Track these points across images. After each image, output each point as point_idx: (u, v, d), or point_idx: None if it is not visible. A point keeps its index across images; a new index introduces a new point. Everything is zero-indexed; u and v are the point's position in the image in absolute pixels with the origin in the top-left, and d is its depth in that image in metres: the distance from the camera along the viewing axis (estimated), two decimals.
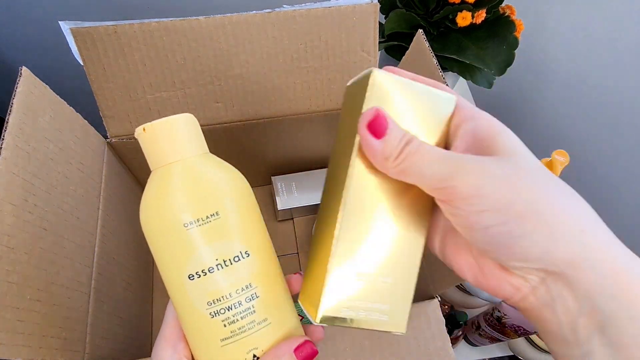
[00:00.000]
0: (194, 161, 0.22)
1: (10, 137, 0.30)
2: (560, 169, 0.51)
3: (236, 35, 0.42)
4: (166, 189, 0.21)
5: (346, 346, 0.34)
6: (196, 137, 0.23)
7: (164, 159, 0.22)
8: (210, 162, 0.23)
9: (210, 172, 0.22)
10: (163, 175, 0.22)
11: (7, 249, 0.27)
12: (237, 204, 0.22)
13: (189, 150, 0.22)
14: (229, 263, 0.21)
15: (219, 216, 0.21)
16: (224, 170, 0.23)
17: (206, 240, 0.21)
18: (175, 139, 0.22)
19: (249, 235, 0.22)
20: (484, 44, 0.59)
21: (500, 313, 0.46)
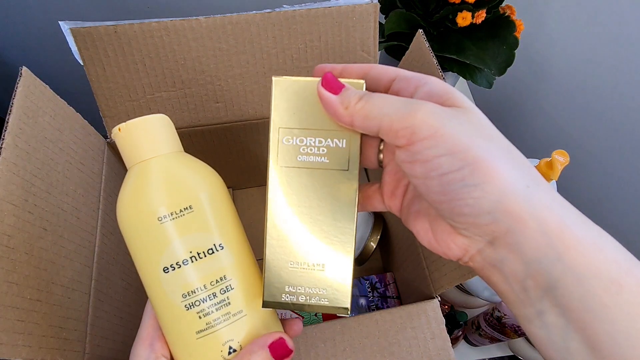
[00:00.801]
0: (167, 158, 0.23)
1: (10, 137, 0.30)
2: (560, 169, 0.51)
3: (236, 35, 0.42)
4: (140, 184, 0.22)
5: (346, 346, 0.34)
6: (170, 136, 0.24)
7: (138, 156, 0.22)
8: (184, 159, 0.24)
9: (183, 168, 0.23)
10: (138, 172, 0.22)
11: (7, 249, 0.27)
12: (211, 199, 0.23)
13: (163, 148, 0.23)
14: (202, 255, 0.22)
15: (193, 210, 0.21)
16: (197, 166, 0.24)
17: (180, 233, 0.21)
18: (149, 137, 0.22)
19: (223, 229, 0.23)
20: (484, 44, 0.59)
21: (500, 313, 0.46)
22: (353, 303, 0.50)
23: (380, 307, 0.50)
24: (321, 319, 0.46)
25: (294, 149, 0.22)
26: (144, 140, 0.22)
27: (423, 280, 0.40)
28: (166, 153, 0.23)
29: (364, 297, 0.50)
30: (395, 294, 0.51)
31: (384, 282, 0.52)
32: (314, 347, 0.33)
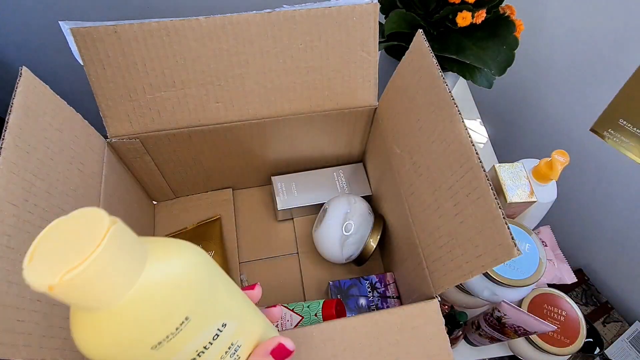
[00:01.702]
0: (141, 285, 0.17)
1: (10, 137, 0.30)
2: (560, 169, 0.51)
3: (236, 35, 0.42)
4: (116, 330, 0.17)
5: (346, 346, 0.34)
6: (132, 253, 0.17)
7: (101, 303, 0.16)
8: (158, 266, 0.17)
9: (165, 283, 0.17)
10: (105, 318, 0.16)
11: (7, 249, 0.27)
12: (203, 292, 0.19)
13: (131, 278, 0.16)
14: (209, 345, 0.20)
15: (190, 319, 0.18)
16: (176, 264, 0.18)
17: (181, 346, 0.19)
18: (106, 279, 0.15)
19: (223, 309, 0.21)
20: (484, 44, 0.59)
21: (500, 313, 0.46)
22: (353, 303, 0.50)
23: (380, 307, 0.50)
24: (321, 319, 0.46)
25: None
26: (100, 286, 0.15)
27: (423, 280, 0.40)
28: (135, 281, 0.16)
29: (364, 297, 0.50)
30: (395, 294, 0.51)
31: (384, 282, 0.52)
32: (314, 347, 0.33)
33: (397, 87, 0.44)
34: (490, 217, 0.31)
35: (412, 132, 0.41)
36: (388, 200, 0.52)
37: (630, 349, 0.75)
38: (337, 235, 0.52)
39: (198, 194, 0.62)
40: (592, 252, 0.84)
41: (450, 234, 0.35)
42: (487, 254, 0.31)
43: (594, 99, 0.71)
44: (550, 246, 0.58)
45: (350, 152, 0.61)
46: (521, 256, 0.46)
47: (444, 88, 0.36)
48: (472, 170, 0.33)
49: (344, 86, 0.47)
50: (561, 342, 0.49)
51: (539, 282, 0.47)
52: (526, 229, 0.48)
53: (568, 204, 0.83)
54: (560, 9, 0.70)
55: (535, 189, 0.51)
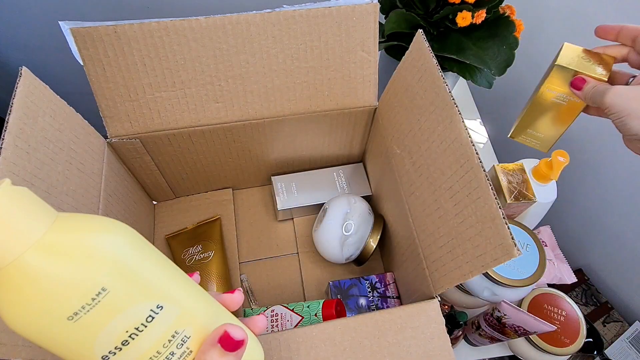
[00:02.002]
0: (45, 241, 0.17)
1: (10, 137, 0.30)
2: (560, 169, 0.51)
3: (236, 35, 0.42)
4: (25, 289, 0.16)
5: (346, 346, 0.34)
6: (33, 210, 0.17)
7: (4, 258, 0.16)
8: (71, 229, 0.18)
9: (74, 245, 0.17)
10: (12, 275, 0.16)
11: None
12: (124, 265, 0.18)
13: (33, 233, 0.16)
14: (142, 327, 0.19)
15: (107, 290, 0.17)
16: (91, 232, 0.18)
17: (105, 320, 0.18)
18: (5, 230, 0.16)
19: (154, 288, 0.19)
20: (484, 44, 0.59)
21: (500, 313, 0.46)
22: (353, 303, 0.50)
23: (380, 307, 0.50)
24: (321, 319, 0.46)
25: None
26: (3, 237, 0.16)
27: (423, 280, 0.40)
28: (41, 236, 0.16)
29: (364, 297, 0.50)
30: (395, 294, 0.51)
31: (384, 282, 0.52)
32: (314, 347, 0.33)
33: (397, 87, 0.44)
34: (490, 217, 0.31)
35: (412, 132, 0.41)
36: (388, 200, 0.52)
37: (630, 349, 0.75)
38: (337, 235, 0.52)
39: (198, 194, 0.62)
40: (592, 252, 0.84)
41: (450, 234, 0.35)
42: (487, 254, 0.31)
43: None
44: (550, 246, 0.58)
45: (350, 152, 0.61)
46: (521, 256, 0.46)
47: (444, 88, 0.36)
48: (472, 170, 0.33)
49: (344, 86, 0.47)
50: (561, 342, 0.49)
51: (539, 282, 0.47)
52: (526, 229, 0.48)
53: (568, 204, 0.83)
54: (560, 9, 0.70)
55: (535, 189, 0.51)
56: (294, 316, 0.47)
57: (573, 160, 0.53)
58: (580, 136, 0.76)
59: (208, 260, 0.54)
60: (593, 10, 0.65)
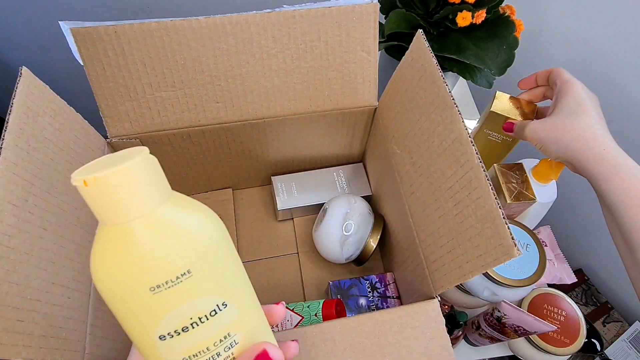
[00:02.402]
0: (156, 214, 0.18)
1: (10, 137, 0.30)
2: (560, 169, 0.51)
3: (236, 35, 0.42)
4: (126, 251, 0.18)
5: (346, 346, 0.34)
6: (156, 183, 0.19)
7: (119, 217, 0.18)
8: (176, 209, 0.19)
9: (177, 225, 0.19)
10: (120, 235, 0.18)
11: (7, 249, 0.27)
12: (212, 255, 0.19)
13: (149, 203, 0.18)
14: (204, 319, 0.19)
15: (191, 274, 0.19)
16: (193, 216, 0.20)
17: (178, 302, 0.19)
18: (129, 193, 0.18)
19: (226, 285, 0.20)
20: (484, 44, 0.59)
21: (500, 313, 0.46)
22: (353, 303, 0.50)
23: (380, 307, 0.50)
24: (321, 319, 0.46)
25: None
26: (120, 198, 0.17)
27: (423, 280, 0.40)
28: (153, 209, 0.18)
29: (364, 297, 0.50)
30: (395, 294, 0.51)
31: (384, 282, 0.52)
32: (314, 347, 0.33)
33: (397, 87, 0.44)
34: (490, 217, 0.31)
35: (412, 132, 0.41)
36: (388, 200, 0.52)
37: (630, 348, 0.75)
38: (337, 235, 0.52)
39: (198, 194, 0.62)
40: (592, 252, 0.84)
41: (450, 234, 0.35)
42: (487, 254, 0.31)
43: None
44: (550, 246, 0.58)
45: (350, 152, 0.61)
46: (521, 256, 0.46)
47: (444, 88, 0.36)
48: (472, 170, 0.33)
49: (344, 86, 0.47)
50: (561, 342, 0.49)
51: (539, 282, 0.47)
52: (526, 229, 0.48)
53: (568, 204, 0.82)
54: (560, 9, 0.70)
55: (535, 189, 0.51)
56: (294, 316, 0.47)
57: None
58: None
59: None
60: (593, 9, 0.65)
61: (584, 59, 0.70)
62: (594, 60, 0.68)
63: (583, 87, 0.44)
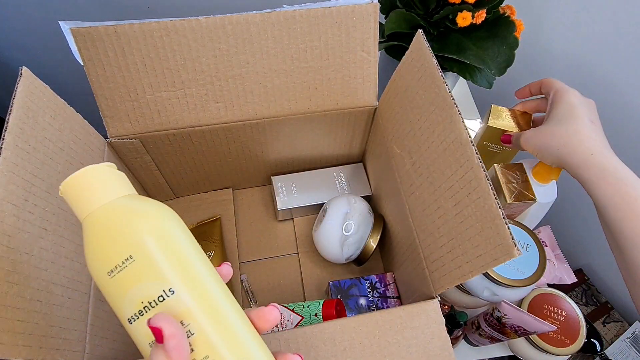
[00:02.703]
0: (107, 207, 0.22)
1: (10, 137, 0.30)
2: (560, 169, 0.51)
3: (236, 35, 0.42)
4: (88, 240, 0.22)
5: (346, 346, 0.34)
6: (110, 183, 0.23)
7: (82, 211, 0.22)
8: (127, 204, 0.23)
9: (124, 214, 0.22)
10: (85, 227, 0.22)
11: (7, 249, 0.27)
12: (155, 242, 0.21)
13: (102, 198, 0.22)
14: (154, 304, 0.21)
15: (134, 259, 0.21)
16: (141, 209, 0.23)
17: (128, 285, 0.21)
18: (87, 190, 0.22)
19: (171, 272, 0.21)
20: (484, 44, 0.59)
21: (500, 313, 0.46)
22: (353, 303, 0.50)
23: (380, 307, 0.50)
24: (321, 319, 0.46)
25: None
26: (82, 194, 0.22)
27: (423, 280, 0.40)
28: (106, 202, 0.22)
29: (364, 297, 0.50)
30: (395, 294, 0.51)
31: (384, 282, 0.52)
32: (314, 347, 0.33)
33: (397, 87, 0.44)
34: (490, 217, 0.31)
35: (412, 132, 0.41)
36: (388, 200, 0.52)
37: (630, 349, 0.75)
38: (337, 235, 0.52)
39: (198, 194, 0.62)
40: (592, 252, 0.84)
41: (450, 234, 0.35)
42: (487, 254, 0.31)
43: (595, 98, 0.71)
44: (550, 246, 0.58)
45: (350, 152, 0.61)
46: (521, 256, 0.46)
47: (444, 88, 0.36)
48: (472, 170, 0.33)
49: (344, 86, 0.47)
50: (561, 342, 0.49)
51: (539, 282, 0.47)
52: (526, 229, 0.48)
53: (568, 204, 0.82)
54: (560, 9, 0.70)
55: (535, 189, 0.51)
56: (294, 316, 0.47)
57: None
58: None
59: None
60: (593, 9, 0.65)
61: (583, 59, 0.70)
62: (594, 60, 0.68)
63: (575, 94, 0.45)
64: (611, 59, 0.66)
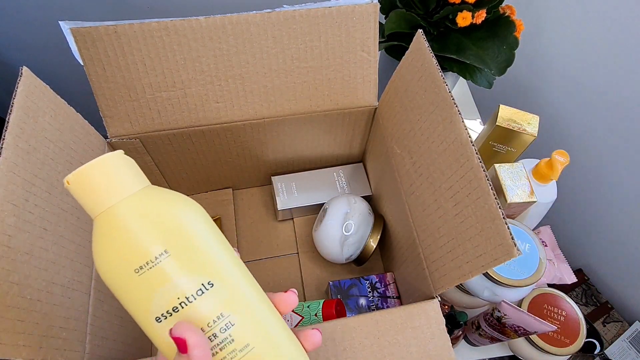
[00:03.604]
0: (131, 201, 0.20)
1: (10, 137, 0.30)
2: (560, 169, 0.51)
3: (236, 35, 0.42)
4: (108, 237, 0.20)
5: (346, 346, 0.34)
6: (130, 174, 0.21)
7: (99, 205, 0.20)
8: (151, 196, 0.21)
9: (152, 208, 0.21)
10: (103, 223, 0.20)
11: (7, 249, 0.27)
12: (188, 236, 0.21)
13: (124, 191, 0.20)
14: (192, 299, 0.20)
15: (169, 254, 0.20)
16: (168, 202, 0.21)
17: (161, 282, 0.20)
18: (103, 182, 0.20)
19: (209, 265, 0.21)
20: (484, 44, 0.59)
21: (500, 313, 0.46)
22: (353, 303, 0.50)
23: (380, 307, 0.50)
24: (321, 319, 0.46)
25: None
26: (98, 187, 0.20)
27: (423, 280, 0.40)
28: (129, 195, 0.20)
29: (364, 297, 0.50)
30: (395, 294, 0.51)
31: (384, 282, 0.52)
32: None
33: (397, 87, 0.44)
34: (490, 217, 0.31)
35: (412, 132, 0.41)
36: (388, 200, 0.52)
37: (630, 348, 0.75)
38: (337, 235, 0.52)
39: (198, 194, 0.62)
40: (592, 252, 0.84)
41: (450, 234, 0.35)
42: (487, 254, 0.31)
43: (594, 98, 0.71)
44: (550, 246, 0.58)
45: (350, 152, 0.61)
46: (521, 256, 0.46)
47: (444, 88, 0.36)
48: (472, 170, 0.33)
49: (344, 86, 0.47)
50: (561, 342, 0.49)
51: (539, 282, 0.47)
52: (526, 229, 0.48)
53: (568, 204, 0.82)
54: (560, 9, 0.70)
55: (535, 189, 0.51)
56: (294, 316, 0.47)
57: (573, 160, 0.53)
58: (580, 136, 0.76)
59: None
60: (593, 9, 0.65)
61: (583, 59, 0.70)
62: (594, 60, 0.68)
63: None
64: (611, 59, 0.66)
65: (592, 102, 0.72)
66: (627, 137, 0.68)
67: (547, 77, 0.78)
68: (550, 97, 0.79)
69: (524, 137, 0.55)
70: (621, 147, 0.70)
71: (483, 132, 0.60)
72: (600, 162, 0.75)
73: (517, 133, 0.55)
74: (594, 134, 0.74)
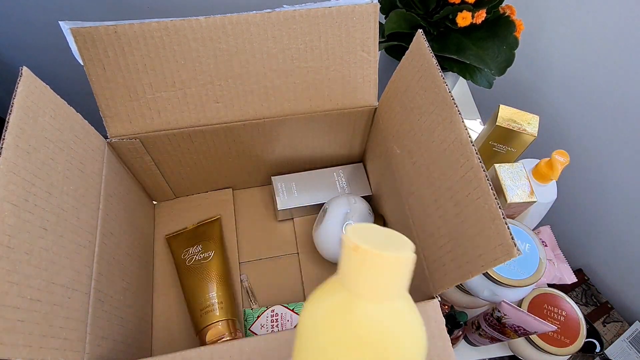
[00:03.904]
0: (394, 307, 0.20)
1: (10, 137, 0.30)
2: (560, 169, 0.51)
3: (236, 35, 0.42)
4: (357, 326, 0.19)
5: None
6: (404, 280, 0.21)
7: (364, 293, 0.20)
8: (408, 309, 0.21)
9: (408, 324, 0.21)
10: (355, 308, 0.19)
11: (7, 249, 0.27)
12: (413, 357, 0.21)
13: (392, 294, 0.21)
14: None
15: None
16: (418, 322, 0.22)
17: None
18: (385, 278, 0.20)
19: None
20: (484, 44, 0.59)
21: (500, 313, 0.46)
22: None
23: None
24: None
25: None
26: (375, 280, 0.20)
27: (423, 280, 0.40)
28: (393, 300, 0.21)
29: None
30: None
31: None
32: None
33: (397, 87, 0.44)
34: (490, 217, 0.31)
35: (412, 132, 0.41)
36: (388, 200, 0.52)
37: (630, 348, 0.75)
38: (337, 235, 0.52)
39: (198, 194, 0.62)
40: (592, 252, 0.84)
41: (450, 234, 0.35)
42: (487, 254, 0.31)
43: (594, 98, 0.71)
44: (550, 246, 0.58)
45: (350, 152, 0.61)
46: (521, 256, 0.46)
47: (444, 88, 0.36)
48: (472, 170, 0.33)
49: (344, 86, 0.47)
50: (561, 342, 0.49)
51: (539, 282, 0.47)
52: (526, 229, 0.48)
53: (568, 204, 0.83)
54: (560, 9, 0.70)
55: (535, 189, 0.51)
56: (294, 316, 0.47)
57: (573, 160, 0.53)
58: (580, 136, 0.76)
59: (208, 260, 0.54)
60: (593, 9, 0.65)
61: (583, 59, 0.70)
62: (594, 60, 0.68)
63: None
64: (611, 59, 0.66)
65: (592, 102, 0.72)
66: (627, 137, 0.68)
67: (547, 77, 0.78)
68: (550, 97, 0.79)
69: (524, 137, 0.55)
70: (621, 147, 0.70)
71: (483, 132, 0.60)
72: (600, 162, 0.75)
73: (517, 133, 0.55)
74: (594, 134, 0.74)
